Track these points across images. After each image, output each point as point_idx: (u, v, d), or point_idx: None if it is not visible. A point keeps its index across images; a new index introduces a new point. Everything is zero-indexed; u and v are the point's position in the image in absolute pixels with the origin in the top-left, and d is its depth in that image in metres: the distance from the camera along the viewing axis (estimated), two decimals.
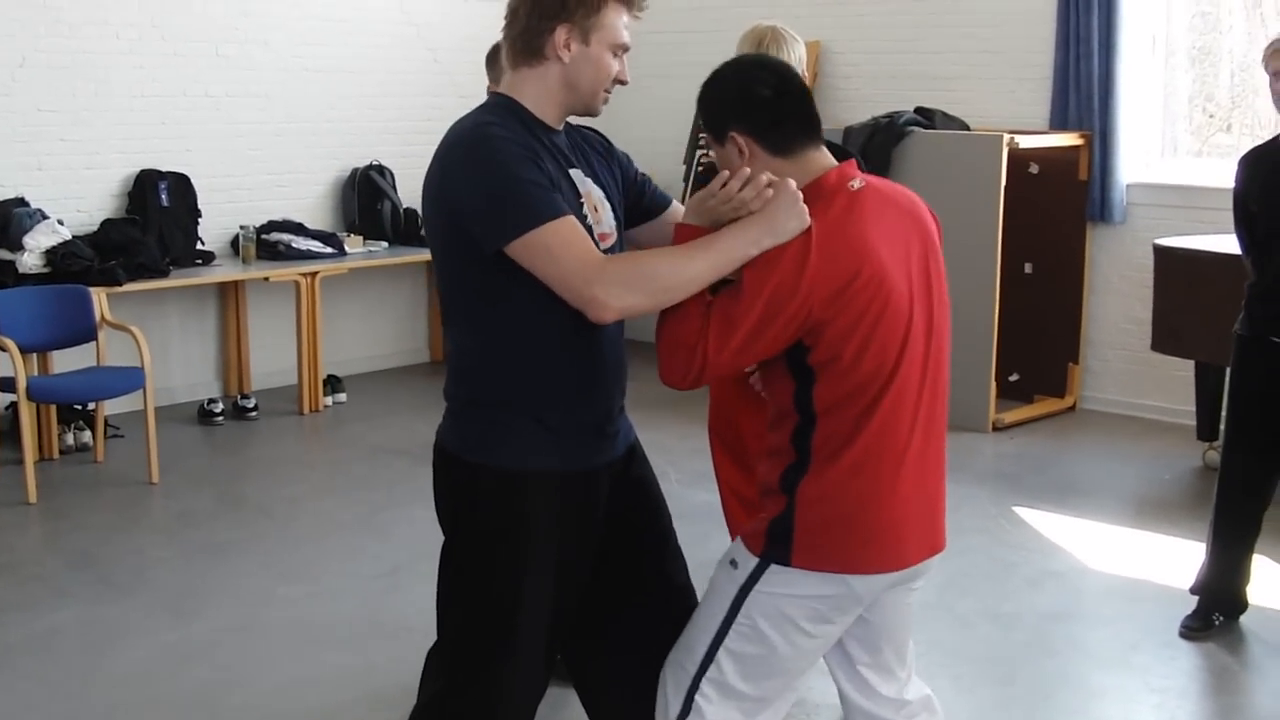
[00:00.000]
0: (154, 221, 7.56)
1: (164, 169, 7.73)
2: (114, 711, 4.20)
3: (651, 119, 9.64)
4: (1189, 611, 4.81)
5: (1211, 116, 8.31)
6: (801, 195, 2.61)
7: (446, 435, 2.80)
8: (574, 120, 2.84)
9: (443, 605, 2.85)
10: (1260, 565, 4.95)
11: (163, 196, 7.65)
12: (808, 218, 2.59)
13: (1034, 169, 7.75)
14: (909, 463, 2.70)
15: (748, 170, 2.63)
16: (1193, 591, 4.86)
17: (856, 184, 2.70)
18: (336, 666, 4.49)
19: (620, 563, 2.90)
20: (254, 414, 7.73)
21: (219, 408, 7.68)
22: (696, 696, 2.78)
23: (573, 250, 2.54)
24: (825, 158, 2.73)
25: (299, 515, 6.09)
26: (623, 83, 2.78)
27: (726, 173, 2.65)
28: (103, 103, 7.56)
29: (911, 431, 2.70)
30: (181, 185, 7.78)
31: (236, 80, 8.09)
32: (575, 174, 2.75)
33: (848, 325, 2.58)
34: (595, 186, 2.80)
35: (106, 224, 7.41)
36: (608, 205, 2.82)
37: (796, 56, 3.89)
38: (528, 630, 2.76)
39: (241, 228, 7.93)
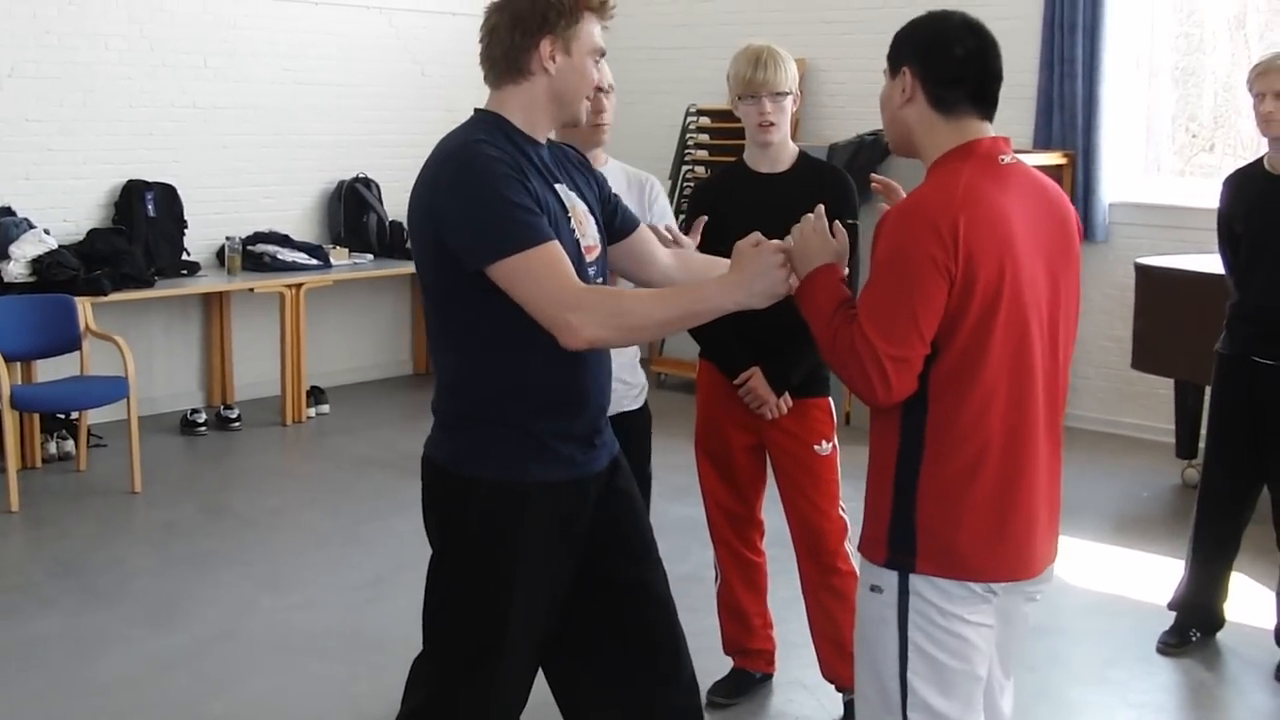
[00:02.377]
0: (140, 232, 7.58)
1: (151, 179, 7.75)
2: (94, 718, 4.20)
3: (636, 135, 9.64)
4: (1167, 627, 4.84)
5: (1194, 136, 8.37)
6: (784, 258, 2.63)
7: (437, 449, 2.81)
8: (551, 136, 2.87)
9: (431, 617, 2.85)
10: (1238, 582, 4.98)
11: (149, 207, 7.66)
12: (781, 286, 2.63)
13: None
14: (1036, 466, 2.62)
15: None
16: (1171, 608, 4.89)
17: (1007, 159, 2.64)
18: (318, 676, 4.49)
19: (604, 574, 2.91)
20: (237, 424, 7.73)
21: (202, 418, 7.68)
22: None
23: (553, 277, 2.57)
24: (985, 129, 2.67)
25: (281, 526, 6.09)
26: (601, 89, 2.82)
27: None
28: (90, 113, 7.58)
29: (1035, 434, 2.61)
30: (168, 196, 7.80)
31: (224, 92, 8.11)
32: (561, 188, 2.77)
33: (970, 294, 2.50)
34: (579, 200, 2.82)
35: (93, 234, 7.42)
36: (591, 219, 2.85)
37: (790, 75, 3.92)
38: (516, 642, 2.77)
39: (227, 239, 7.94)
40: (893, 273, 2.53)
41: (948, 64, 2.64)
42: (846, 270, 2.71)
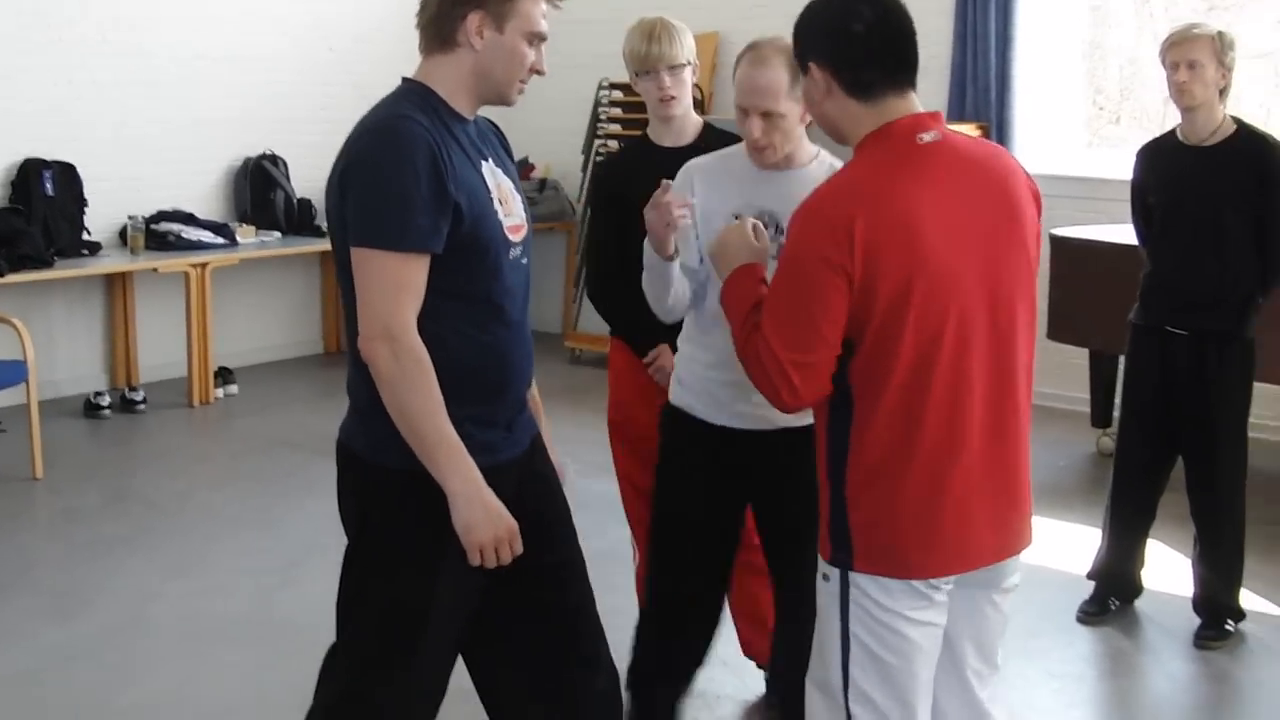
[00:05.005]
0: (38, 211, 7.36)
1: (49, 158, 7.53)
2: None
3: (551, 109, 9.55)
4: (1086, 597, 4.88)
5: (1101, 109, 8.43)
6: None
7: (352, 435, 2.72)
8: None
9: (347, 607, 2.76)
10: (1156, 550, 5.02)
11: (47, 186, 7.45)
12: None
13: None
14: (969, 457, 2.53)
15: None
16: (1090, 577, 4.92)
17: (928, 137, 2.51)
18: (227, 664, 4.39)
19: (526, 559, 2.83)
20: (142, 406, 7.55)
21: (106, 400, 7.50)
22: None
23: (391, 291, 2.51)
24: (909, 104, 2.54)
25: (188, 509, 5.95)
26: (539, 73, 2.71)
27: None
28: None
29: (968, 430, 2.52)
30: (67, 175, 7.58)
31: (124, 68, 7.89)
32: (487, 166, 2.69)
33: (873, 293, 2.42)
34: (505, 178, 2.75)
35: None
36: (517, 197, 2.77)
37: (686, 47, 3.85)
38: (437, 635, 2.70)
39: (130, 218, 7.75)
40: (791, 277, 2.49)
41: (852, 45, 2.52)
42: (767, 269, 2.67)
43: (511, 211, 2.70)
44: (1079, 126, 8.21)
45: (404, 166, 2.48)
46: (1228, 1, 7.84)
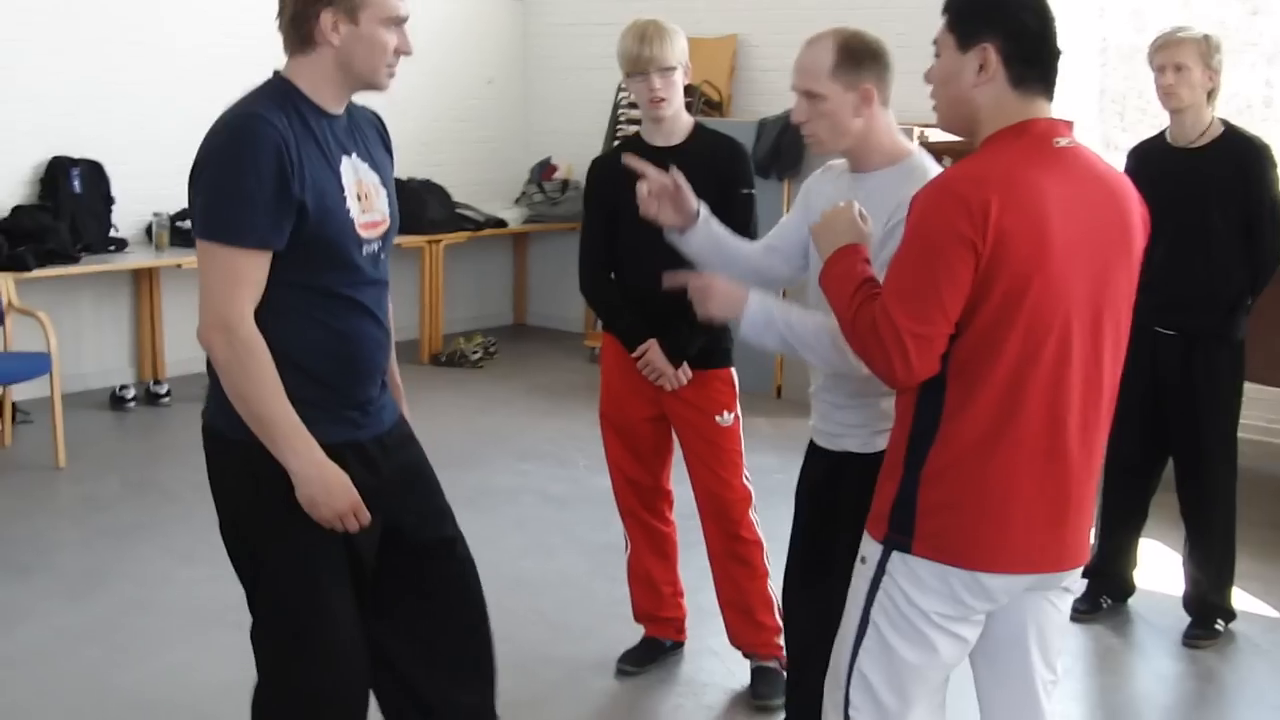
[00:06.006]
0: (66, 208, 7.52)
1: (77, 156, 7.69)
2: (1, 688, 4.20)
3: (572, 111, 9.71)
4: (1078, 595, 4.91)
5: (1120, 114, 8.44)
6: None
7: (215, 416, 2.81)
8: (356, 99, 2.85)
9: (249, 589, 2.89)
10: (1150, 550, 5.06)
11: (75, 183, 7.61)
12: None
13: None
14: (1058, 469, 2.51)
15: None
16: (1083, 574, 4.94)
17: (1063, 142, 2.50)
18: (228, 646, 4.46)
19: (404, 537, 2.95)
20: (167, 400, 7.70)
21: (131, 394, 7.65)
22: (849, 711, 2.67)
23: (228, 285, 2.61)
24: (1049, 110, 2.54)
25: (205, 500, 5.83)
26: (406, 53, 2.76)
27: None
28: (14, 89, 7.50)
29: (1064, 430, 2.49)
30: (94, 172, 7.74)
31: (152, 66, 8.04)
32: (347, 162, 2.75)
33: (994, 276, 2.39)
34: (371, 172, 2.81)
35: (17, 210, 7.37)
36: (383, 191, 2.84)
37: (678, 49, 3.93)
38: (333, 604, 2.80)
39: (155, 215, 7.89)
40: (919, 248, 2.44)
41: (1029, 38, 2.51)
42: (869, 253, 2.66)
43: (371, 207, 2.77)
44: (1089, 130, 8.23)
45: (248, 166, 2.57)
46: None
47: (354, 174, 2.76)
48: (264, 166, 2.58)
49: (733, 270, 3.20)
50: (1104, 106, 8.40)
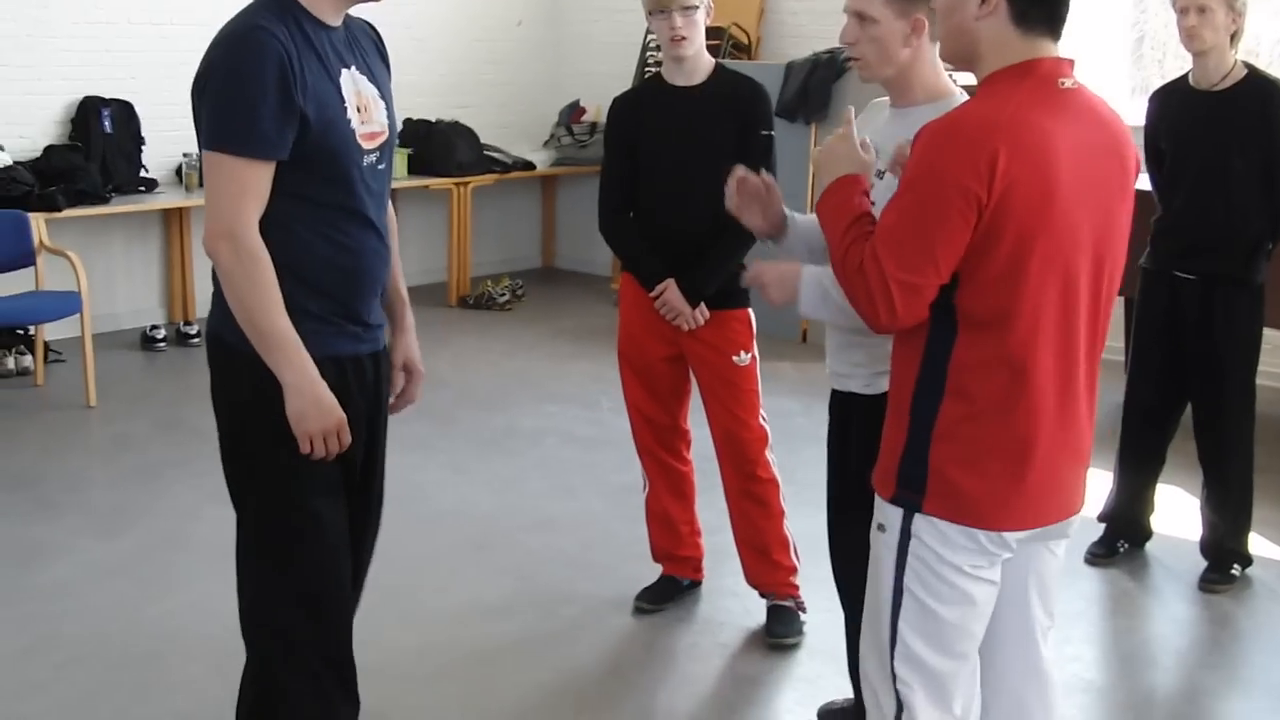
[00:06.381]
0: (97, 148, 7.59)
1: (108, 96, 7.74)
2: (30, 621, 4.29)
3: (600, 54, 9.68)
4: (1096, 538, 4.94)
5: (1164, 61, 8.37)
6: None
7: (222, 326, 2.82)
8: (355, 12, 2.88)
9: (243, 499, 2.91)
10: (1168, 495, 5.07)
11: (106, 124, 7.67)
12: None
13: None
14: (1067, 419, 2.49)
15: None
16: (1100, 519, 4.98)
17: (1068, 83, 2.46)
18: None
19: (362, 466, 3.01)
20: (197, 340, 7.75)
21: (162, 334, 7.73)
22: (898, 685, 2.61)
23: (233, 195, 2.63)
24: (1054, 50, 2.48)
25: None
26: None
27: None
28: (45, 29, 7.55)
29: (1074, 378, 2.48)
30: (125, 113, 7.80)
31: (181, 7, 8.04)
32: (346, 75, 2.78)
33: (1002, 227, 2.35)
34: (369, 85, 2.84)
35: (49, 150, 7.44)
36: (381, 103, 2.87)
37: None
38: (330, 503, 2.85)
39: (185, 155, 7.93)
40: (918, 194, 2.39)
41: None
42: (871, 184, 2.62)
43: (370, 119, 2.80)
44: (1121, 75, 8.17)
45: (252, 76, 2.60)
46: None
47: (353, 85, 2.79)
48: (268, 77, 2.61)
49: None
50: (1143, 53, 8.31)
